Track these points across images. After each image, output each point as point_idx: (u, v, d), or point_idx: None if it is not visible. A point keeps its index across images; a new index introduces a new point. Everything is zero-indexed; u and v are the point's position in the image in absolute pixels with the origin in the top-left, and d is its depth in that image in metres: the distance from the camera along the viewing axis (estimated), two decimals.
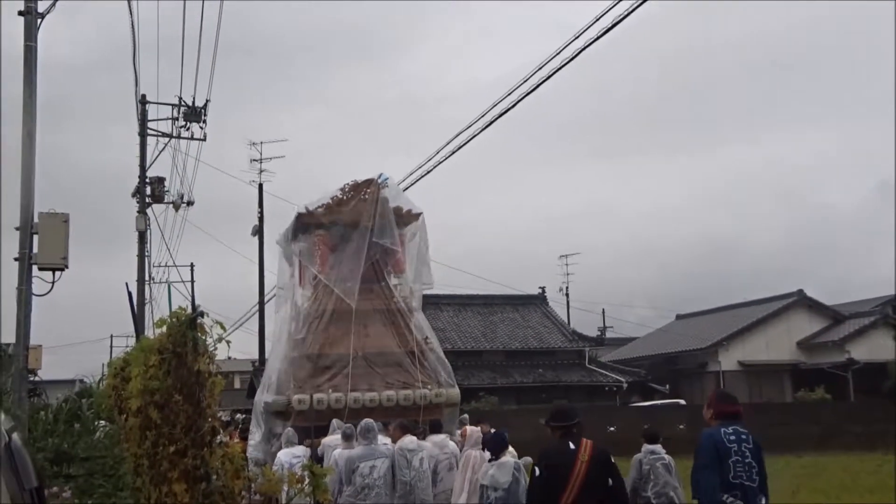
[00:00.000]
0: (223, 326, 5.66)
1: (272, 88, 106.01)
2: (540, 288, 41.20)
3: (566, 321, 42.11)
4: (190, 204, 26.91)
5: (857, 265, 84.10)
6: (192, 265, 41.63)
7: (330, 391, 13.76)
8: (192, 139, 24.94)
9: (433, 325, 17.43)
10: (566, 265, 50.32)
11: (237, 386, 48.56)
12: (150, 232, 24.61)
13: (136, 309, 21.83)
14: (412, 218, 15.31)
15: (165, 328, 5.58)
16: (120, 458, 9.59)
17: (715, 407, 6.47)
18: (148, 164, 24.39)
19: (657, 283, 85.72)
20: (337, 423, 11.99)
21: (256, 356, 34.44)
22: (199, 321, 5.39)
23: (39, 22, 11.23)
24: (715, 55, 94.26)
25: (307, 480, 5.99)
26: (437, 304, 35.01)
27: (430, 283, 15.71)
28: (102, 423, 12.99)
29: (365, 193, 15.11)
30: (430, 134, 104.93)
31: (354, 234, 14.87)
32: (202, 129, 24.47)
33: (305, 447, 11.68)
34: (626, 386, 35.53)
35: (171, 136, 24.75)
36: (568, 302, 49.60)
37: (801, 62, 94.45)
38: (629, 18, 10.60)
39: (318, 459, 10.97)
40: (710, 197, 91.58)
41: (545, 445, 6.86)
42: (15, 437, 2.82)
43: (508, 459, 9.00)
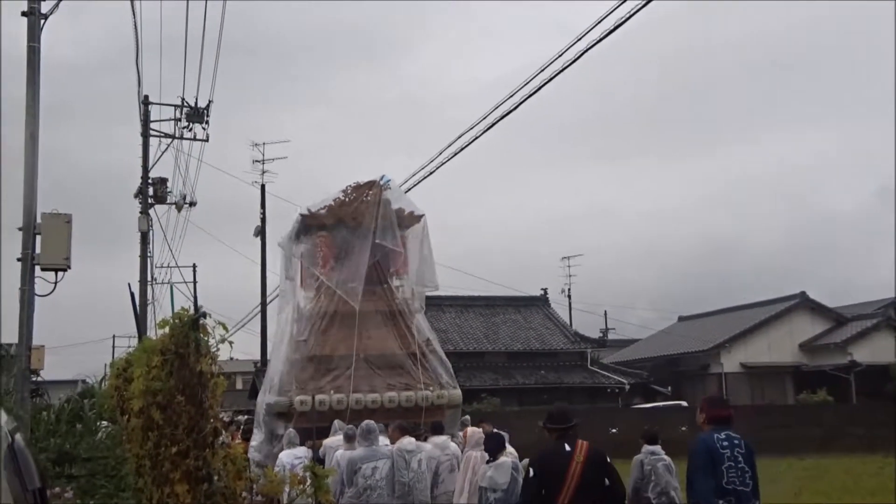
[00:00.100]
0: (225, 327, 5.68)
1: (274, 89, 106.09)
2: (542, 289, 41.25)
3: (568, 323, 42.10)
4: (192, 205, 26.96)
5: (859, 267, 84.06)
6: (194, 266, 41.54)
7: (332, 392, 13.77)
8: (194, 140, 25.01)
9: (435, 326, 17.45)
10: (568, 266, 50.31)
11: (239, 387, 48.54)
12: (152, 232, 24.67)
13: (138, 309, 21.82)
14: (414, 220, 15.32)
15: (168, 329, 5.59)
16: (122, 458, 9.60)
17: (707, 412, 6.53)
18: (150, 164, 24.45)
19: (659, 284, 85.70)
20: (339, 424, 11.99)
21: (258, 357, 34.42)
22: (201, 322, 5.40)
23: (43, 23, 11.24)
24: (715, 56, 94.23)
25: (309, 481, 6.00)
26: (439, 305, 34.99)
27: (434, 285, 15.69)
28: (104, 423, 12.99)
29: (367, 195, 15.12)
30: (432, 135, 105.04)
31: (356, 235, 14.88)
32: (205, 129, 24.53)
33: (307, 448, 11.69)
34: (628, 388, 35.50)
35: (173, 136, 24.81)
36: (570, 303, 49.58)
37: (801, 62, 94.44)
38: (631, 20, 10.61)
39: (319, 461, 10.98)
40: (711, 198, 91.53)
41: (541, 448, 6.95)
42: (18, 437, 2.83)
43: (506, 460, 9.00)
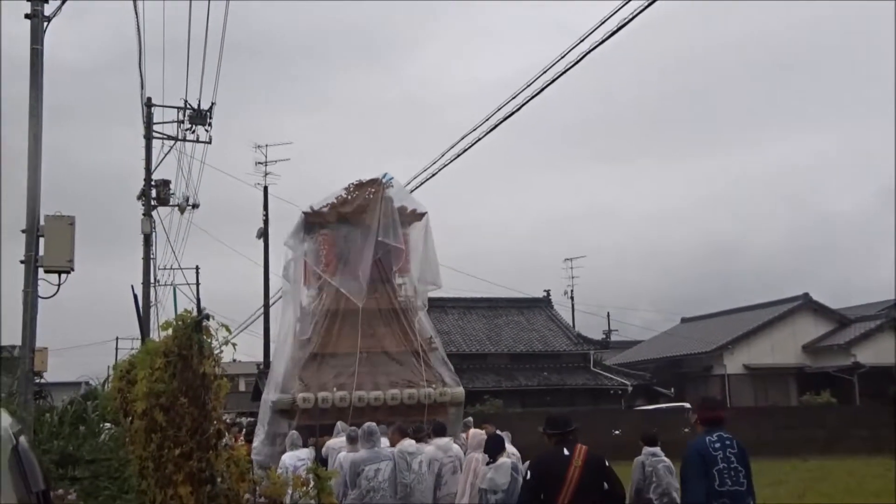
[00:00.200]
0: (228, 329, 5.69)
1: (277, 91, 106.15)
2: (545, 291, 41.16)
3: (571, 324, 42.08)
4: (195, 206, 27.01)
5: (862, 268, 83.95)
6: (197, 268, 41.61)
7: (335, 390, 13.79)
8: (197, 142, 25.05)
9: (438, 327, 17.47)
10: (571, 268, 50.31)
11: (242, 389, 48.60)
12: (155, 234, 24.71)
13: (141, 311, 21.83)
14: (416, 217, 15.35)
15: (171, 331, 5.60)
16: (125, 460, 9.62)
17: (699, 413, 6.55)
18: (153, 166, 24.48)
19: (662, 286, 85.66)
20: (342, 425, 12.00)
21: (261, 359, 34.43)
22: (204, 324, 5.40)
23: (46, 25, 11.27)
24: (716, 57, 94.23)
25: (312, 483, 6.00)
26: (441, 306, 34.98)
27: (437, 283, 15.69)
28: (108, 425, 13.01)
29: (369, 193, 15.14)
30: (434, 136, 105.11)
31: (359, 233, 14.91)
32: (207, 131, 24.57)
33: (310, 447, 11.69)
34: (630, 389, 35.45)
35: (176, 138, 24.83)
36: (573, 305, 49.57)
37: (802, 63, 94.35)
38: (633, 21, 10.62)
39: (322, 460, 10.99)
40: (714, 199, 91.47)
41: (540, 451, 6.99)
42: (22, 440, 2.83)
43: (506, 461, 9.01)
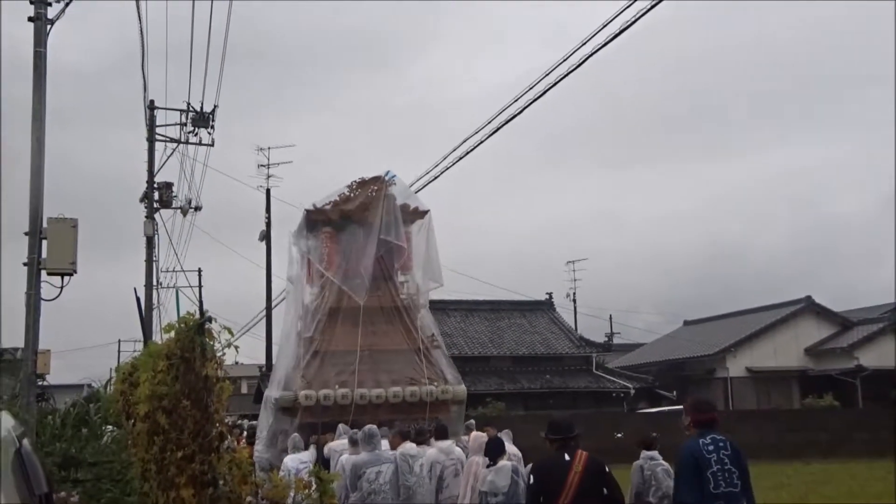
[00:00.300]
0: (231, 332, 5.69)
1: (279, 94, 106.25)
2: (547, 293, 41.17)
3: (573, 327, 42.06)
4: (198, 209, 27.02)
5: (864, 271, 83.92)
6: (199, 270, 41.69)
7: (337, 387, 13.81)
8: (200, 144, 25.07)
9: (440, 330, 17.45)
10: (573, 271, 50.36)
11: (244, 391, 48.60)
12: (157, 237, 24.69)
13: (144, 314, 21.89)
14: (419, 215, 15.36)
15: (173, 333, 5.59)
16: (128, 463, 9.61)
17: (692, 415, 6.50)
18: (156, 169, 24.47)
19: (664, 288, 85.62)
20: (343, 428, 12.01)
21: (264, 361, 34.46)
22: (206, 326, 5.40)
23: (49, 28, 11.29)
24: (720, 60, 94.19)
25: (314, 486, 6.00)
26: (444, 309, 34.99)
27: (438, 281, 15.68)
28: (110, 427, 13.02)
29: (372, 190, 15.16)
30: (437, 139, 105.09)
31: (362, 230, 14.93)
32: (210, 134, 24.59)
33: (312, 445, 11.70)
34: (633, 392, 35.42)
35: (179, 141, 24.85)
36: (575, 308, 49.60)
37: (807, 66, 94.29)
38: (635, 24, 10.63)
39: (323, 460, 11.00)
40: (717, 202, 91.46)
41: (541, 456, 7.07)
42: (25, 443, 2.83)
43: (506, 464, 9.02)
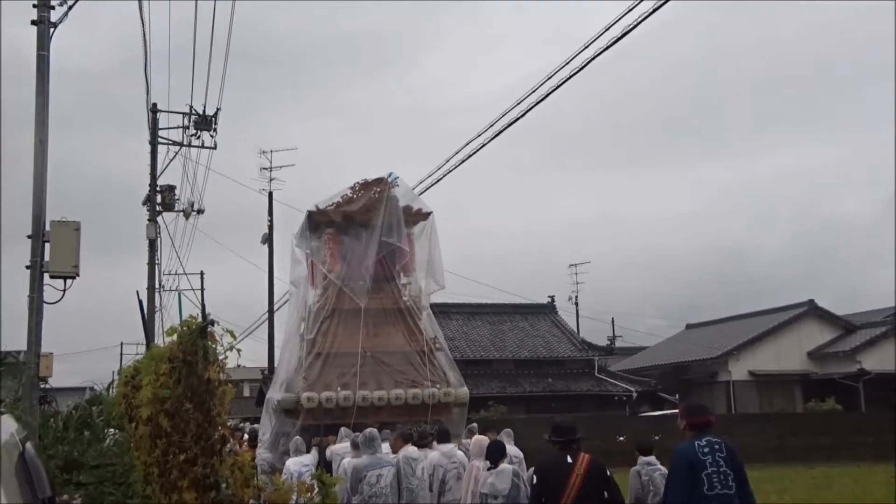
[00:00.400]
0: (233, 335, 5.68)
1: (283, 97, 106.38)
2: (549, 297, 41.13)
3: (575, 330, 42.03)
4: (200, 212, 27.00)
5: (867, 275, 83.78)
6: (201, 273, 41.66)
7: (339, 389, 13.80)
8: (202, 148, 25.06)
9: (442, 333, 17.44)
10: (576, 274, 50.37)
11: (246, 394, 48.64)
12: (160, 240, 24.69)
13: (146, 317, 21.86)
14: (421, 217, 15.33)
15: (176, 336, 5.59)
16: (130, 466, 9.62)
17: (687, 418, 6.54)
18: (158, 172, 24.49)
19: (667, 292, 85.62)
20: (346, 431, 12.01)
21: (266, 364, 34.46)
22: (209, 330, 5.40)
23: (52, 31, 11.31)
24: (723, 63, 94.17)
25: (316, 489, 5.99)
26: (446, 312, 34.96)
27: (440, 284, 15.67)
28: (112, 430, 13.03)
29: (375, 192, 15.15)
30: (440, 142, 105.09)
31: (364, 232, 14.92)
32: (212, 137, 24.58)
33: (314, 448, 11.70)
34: (635, 395, 35.39)
35: (181, 144, 24.86)
36: (577, 311, 49.60)
37: (809, 67, 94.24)
38: (638, 27, 10.62)
39: (325, 463, 11.00)
40: (720, 206, 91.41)
41: (544, 456, 7.17)
42: (29, 446, 2.84)
43: (507, 467, 9.05)
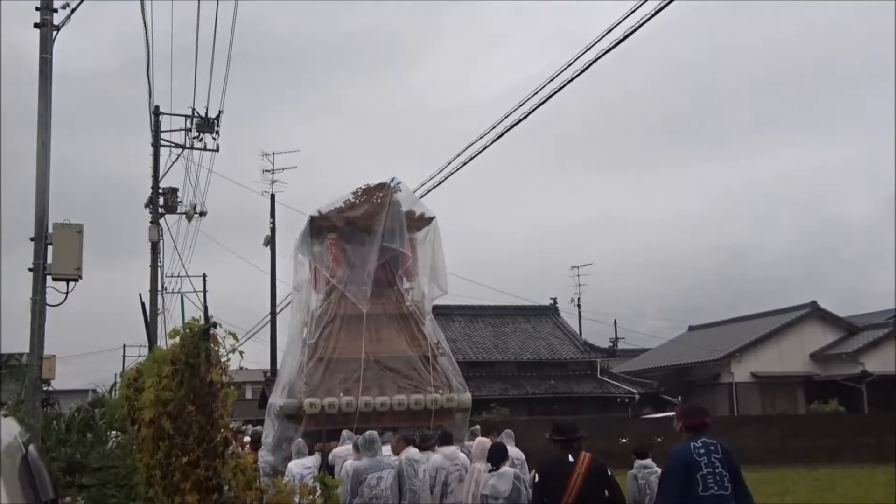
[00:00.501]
0: (236, 337, 5.69)
1: (285, 99, 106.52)
2: (551, 299, 41.16)
3: (578, 332, 42.00)
4: (202, 214, 27.05)
5: (869, 276, 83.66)
6: (204, 275, 41.73)
7: (341, 395, 13.80)
8: (204, 150, 25.11)
9: (444, 335, 17.44)
10: (578, 276, 50.28)
11: (249, 396, 48.61)
12: (162, 242, 24.71)
13: (148, 319, 21.89)
14: (424, 222, 15.33)
15: (178, 339, 5.60)
16: (132, 468, 9.63)
17: (683, 420, 6.59)
18: (161, 174, 24.54)
19: (669, 293, 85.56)
20: (347, 433, 12.01)
21: (268, 366, 34.49)
22: (211, 332, 5.41)
23: (55, 34, 11.33)
24: (725, 64, 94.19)
25: (319, 492, 6.00)
26: (448, 314, 34.97)
27: (444, 289, 15.67)
28: (115, 433, 13.04)
29: (377, 197, 15.14)
30: (442, 144, 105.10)
31: (366, 237, 14.92)
32: (215, 139, 24.63)
33: (317, 452, 11.71)
34: (638, 397, 35.38)
35: (184, 146, 24.90)
36: (580, 313, 49.51)
37: (810, 70, 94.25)
38: (641, 29, 10.63)
39: (328, 466, 11.01)
40: (721, 207, 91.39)
41: (545, 455, 7.29)
42: (31, 449, 2.84)
43: (508, 469, 9.07)
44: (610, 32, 10.98)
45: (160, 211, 24.19)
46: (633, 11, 10.62)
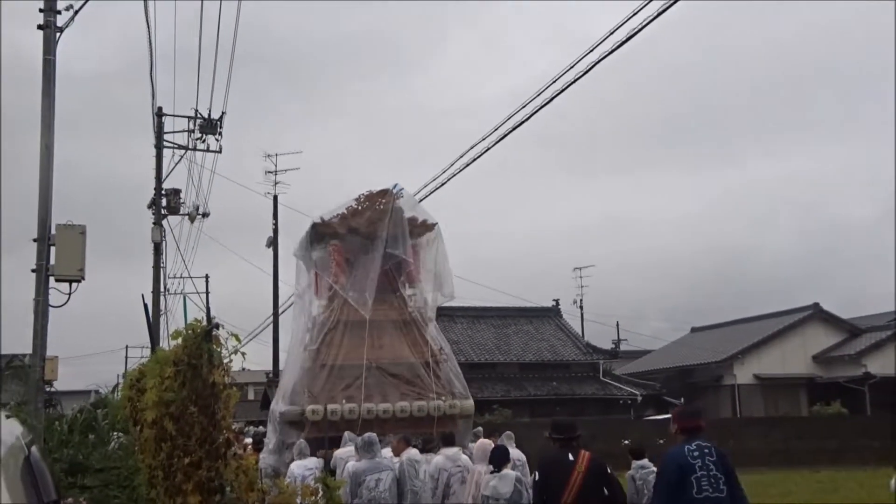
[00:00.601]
0: (238, 338, 5.71)
1: (288, 101, 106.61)
2: (554, 300, 41.12)
3: (580, 334, 41.98)
4: (205, 216, 27.09)
5: (872, 277, 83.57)
6: (206, 276, 41.74)
7: (344, 402, 13.79)
8: (207, 151, 25.14)
9: (447, 337, 17.42)
10: (580, 277, 50.29)
11: (251, 397, 48.59)
12: (165, 243, 24.78)
13: (151, 320, 21.88)
14: (426, 228, 15.33)
15: (181, 340, 5.61)
16: (135, 469, 9.64)
17: (678, 423, 6.63)
18: (164, 176, 24.57)
19: (672, 295, 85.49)
20: (350, 435, 12.01)
21: (271, 368, 34.48)
22: (214, 333, 5.42)
23: (58, 36, 11.34)
24: (728, 66, 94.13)
25: (321, 493, 6.01)
26: (450, 316, 34.95)
27: (450, 295, 15.67)
28: (117, 434, 13.04)
29: (379, 204, 15.15)
30: (445, 145, 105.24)
31: (369, 244, 14.92)
32: (218, 141, 24.67)
33: (319, 458, 11.71)
34: (640, 399, 35.35)
35: (187, 148, 24.94)
36: (582, 314, 49.52)
37: (812, 71, 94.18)
38: (643, 31, 10.63)
39: (331, 472, 11.01)
40: (724, 209, 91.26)
41: (545, 454, 7.38)
42: (34, 450, 2.85)
43: (510, 473, 9.08)
44: (612, 34, 11.00)
45: (163, 212, 24.23)
46: (635, 13, 10.63)
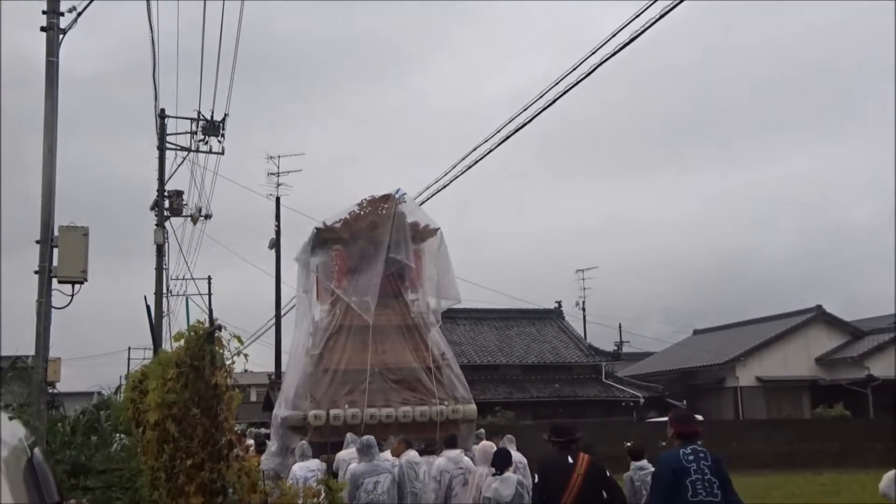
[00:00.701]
0: (240, 340, 5.72)
1: (290, 102, 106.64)
2: (556, 302, 41.08)
3: (583, 336, 41.98)
4: (208, 217, 27.10)
5: (875, 280, 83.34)
6: (209, 278, 41.67)
7: (346, 407, 13.78)
8: (210, 153, 25.14)
9: (449, 338, 17.44)
10: (583, 279, 50.24)
11: (253, 399, 48.60)
12: (167, 245, 24.81)
13: (153, 321, 21.93)
14: (429, 233, 15.33)
15: (183, 342, 5.62)
16: (137, 470, 9.66)
17: (675, 427, 6.65)
18: (166, 177, 24.58)
19: (674, 297, 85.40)
20: (351, 437, 12.01)
21: (273, 369, 34.46)
22: (216, 335, 5.42)
23: (61, 38, 11.36)
24: (730, 67, 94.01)
25: (323, 494, 6.01)
26: (453, 317, 34.92)
27: (456, 298, 15.67)
28: (120, 435, 13.06)
29: (382, 208, 15.16)
30: (445, 145, 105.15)
31: (371, 249, 14.92)
32: (220, 142, 24.67)
33: (321, 461, 11.71)
34: (643, 401, 35.32)
35: (189, 149, 24.95)
36: (584, 316, 49.45)
37: (812, 71, 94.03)
38: (645, 33, 10.64)
39: (334, 475, 11.01)
40: (726, 211, 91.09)
41: (545, 456, 7.39)
42: (37, 451, 2.85)
43: (512, 476, 9.09)
44: (615, 36, 11.02)
45: (165, 214, 24.25)
46: (637, 15, 10.64)
